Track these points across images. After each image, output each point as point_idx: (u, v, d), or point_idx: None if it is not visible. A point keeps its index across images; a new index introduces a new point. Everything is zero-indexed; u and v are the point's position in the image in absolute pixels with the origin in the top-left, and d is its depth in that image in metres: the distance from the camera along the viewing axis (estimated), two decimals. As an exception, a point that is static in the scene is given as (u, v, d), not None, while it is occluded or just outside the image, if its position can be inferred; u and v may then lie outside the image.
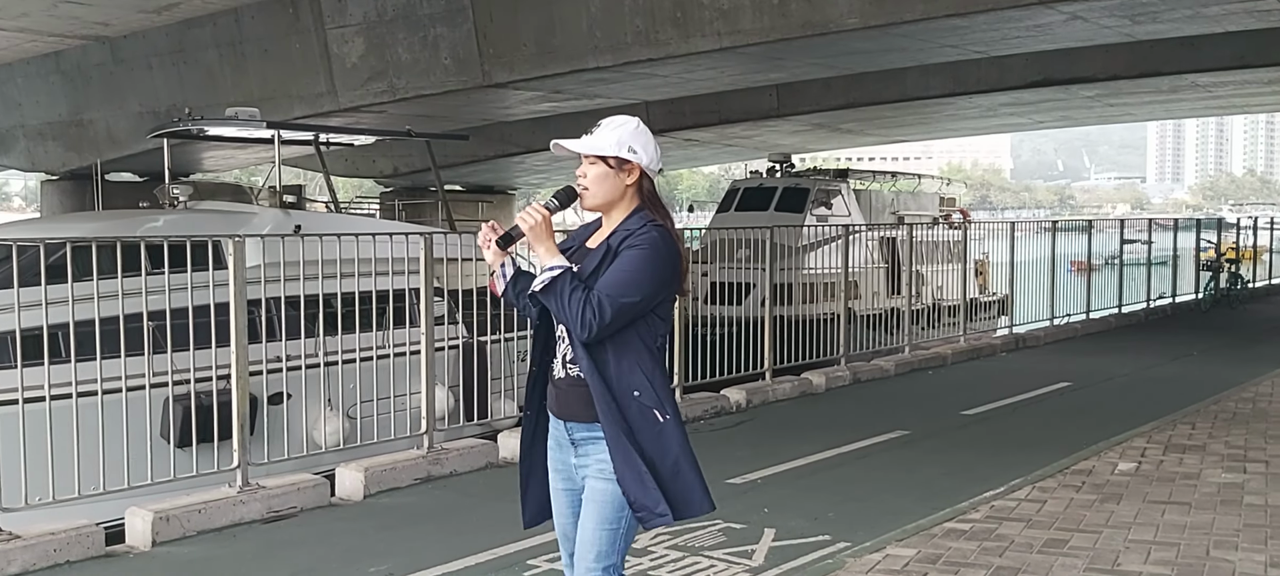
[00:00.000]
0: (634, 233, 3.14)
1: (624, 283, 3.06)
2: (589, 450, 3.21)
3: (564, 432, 3.26)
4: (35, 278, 6.45)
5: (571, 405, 3.21)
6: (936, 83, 22.58)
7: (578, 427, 3.22)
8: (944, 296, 17.87)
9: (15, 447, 5.74)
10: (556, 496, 3.35)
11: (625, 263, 3.09)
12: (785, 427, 9.30)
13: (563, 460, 3.30)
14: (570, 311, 3.05)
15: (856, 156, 46.81)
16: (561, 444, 3.29)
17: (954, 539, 5.48)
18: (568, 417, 3.24)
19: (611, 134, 3.21)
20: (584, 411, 3.17)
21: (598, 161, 3.21)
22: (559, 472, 3.32)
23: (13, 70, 21.29)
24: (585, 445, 3.22)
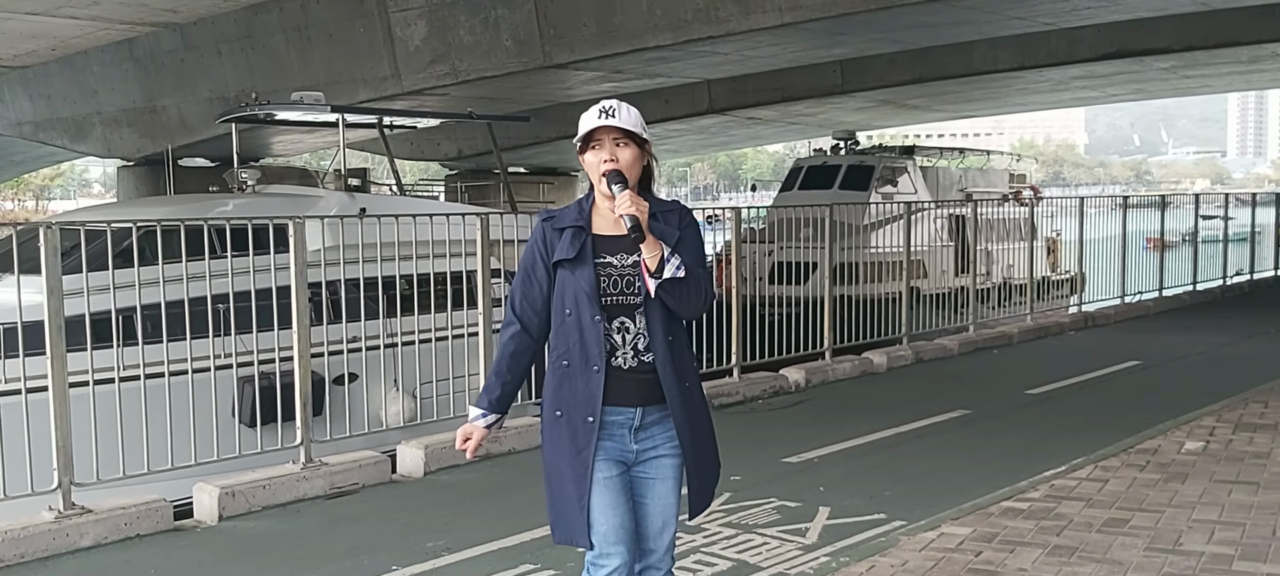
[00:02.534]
0: (682, 212, 3.23)
1: (702, 259, 3.21)
2: (656, 431, 3.22)
3: (634, 419, 3.20)
4: (105, 262, 6.65)
5: (646, 390, 3.18)
6: (1005, 56, 22.17)
7: (652, 411, 3.20)
8: (1013, 275, 17.59)
9: (87, 426, 5.92)
10: (611, 489, 3.19)
11: (696, 239, 3.21)
12: (844, 407, 9.24)
13: (620, 449, 3.21)
14: (701, 293, 3.16)
15: (924, 133, 46.14)
16: (622, 433, 3.21)
17: (1011, 518, 5.41)
18: (644, 403, 3.20)
19: (630, 115, 3.19)
20: (656, 393, 3.19)
21: (630, 143, 3.18)
22: (614, 462, 3.21)
23: (88, 58, 21.86)
24: (652, 427, 3.22)
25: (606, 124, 3.14)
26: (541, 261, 3.23)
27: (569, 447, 3.18)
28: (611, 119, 3.14)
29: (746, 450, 7.59)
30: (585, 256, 3.16)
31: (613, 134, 3.16)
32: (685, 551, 5.39)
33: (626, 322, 3.16)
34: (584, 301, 3.13)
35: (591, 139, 3.18)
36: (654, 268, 3.10)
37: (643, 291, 3.15)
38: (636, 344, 3.18)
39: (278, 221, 6.98)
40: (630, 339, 3.17)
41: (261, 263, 7.47)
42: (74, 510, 5.69)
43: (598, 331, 3.14)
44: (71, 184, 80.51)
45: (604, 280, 3.15)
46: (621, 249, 3.16)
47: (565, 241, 3.18)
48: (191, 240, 6.73)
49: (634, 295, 3.17)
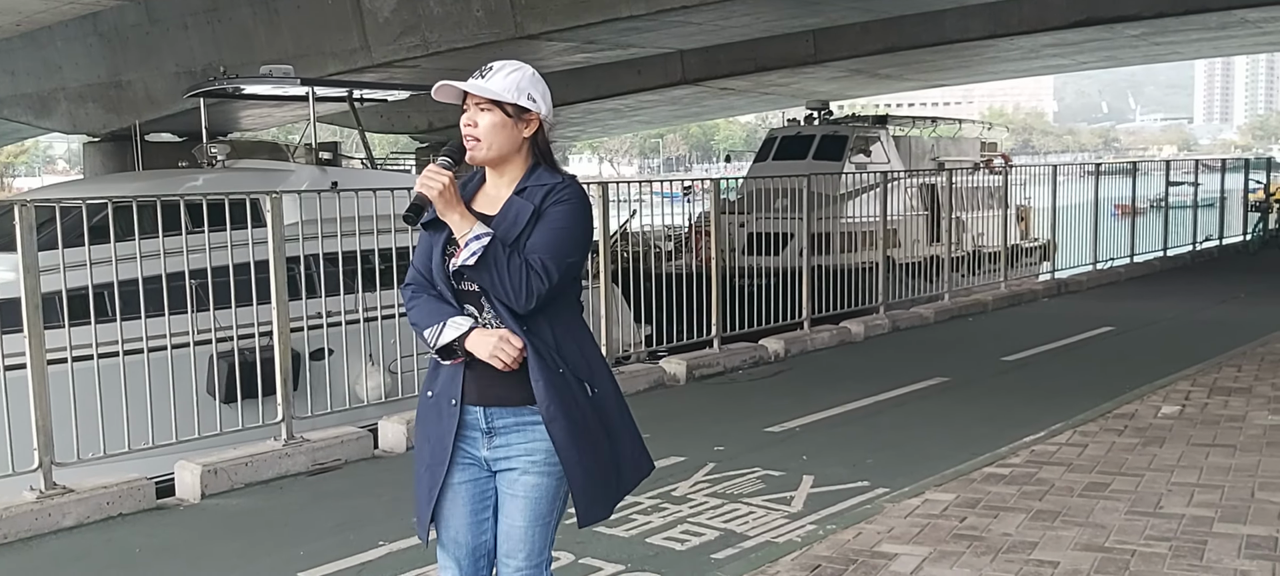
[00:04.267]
0: (555, 188, 2.81)
1: (565, 242, 2.76)
2: (512, 439, 2.84)
3: (482, 420, 2.85)
4: (79, 238, 6.56)
5: (495, 388, 2.81)
6: (976, 24, 22.23)
7: (502, 414, 2.83)
8: (985, 243, 17.70)
9: (66, 404, 5.86)
10: (456, 495, 2.89)
11: (560, 219, 2.77)
12: (823, 376, 9.29)
13: (471, 452, 2.88)
14: (512, 281, 2.69)
15: (896, 103, 46.25)
16: (473, 433, 2.87)
17: (993, 483, 5.46)
18: (490, 403, 2.83)
19: (506, 78, 2.81)
20: (509, 394, 2.80)
21: (493, 108, 2.80)
22: (463, 465, 2.89)
23: (52, 33, 21.52)
24: (507, 433, 2.84)
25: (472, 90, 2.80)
26: None
27: (434, 431, 2.89)
28: (481, 78, 2.81)
29: (729, 420, 7.63)
30: (435, 230, 2.83)
31: (475, 98, 2.81)
32: (673, 522, 5.42)
33: (471, 310, 2.83)
34: (439, 279, 2.84)
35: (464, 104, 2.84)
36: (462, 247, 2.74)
37: None
38: None
39: (254, 196, 6.90)
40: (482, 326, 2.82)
41: (238, 237, 7.40)
42: (55, 490, 5.64)
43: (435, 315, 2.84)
44: (36, 160, 79.38)
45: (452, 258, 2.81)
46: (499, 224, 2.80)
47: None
48: (165, 215, 6.66)
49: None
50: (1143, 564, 4.29)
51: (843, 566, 4.38)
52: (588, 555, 4.96)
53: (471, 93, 2.80)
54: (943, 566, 4.34)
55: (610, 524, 5.38)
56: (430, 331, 2.81)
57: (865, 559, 4.45)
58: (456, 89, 2.82)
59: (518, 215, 2.78)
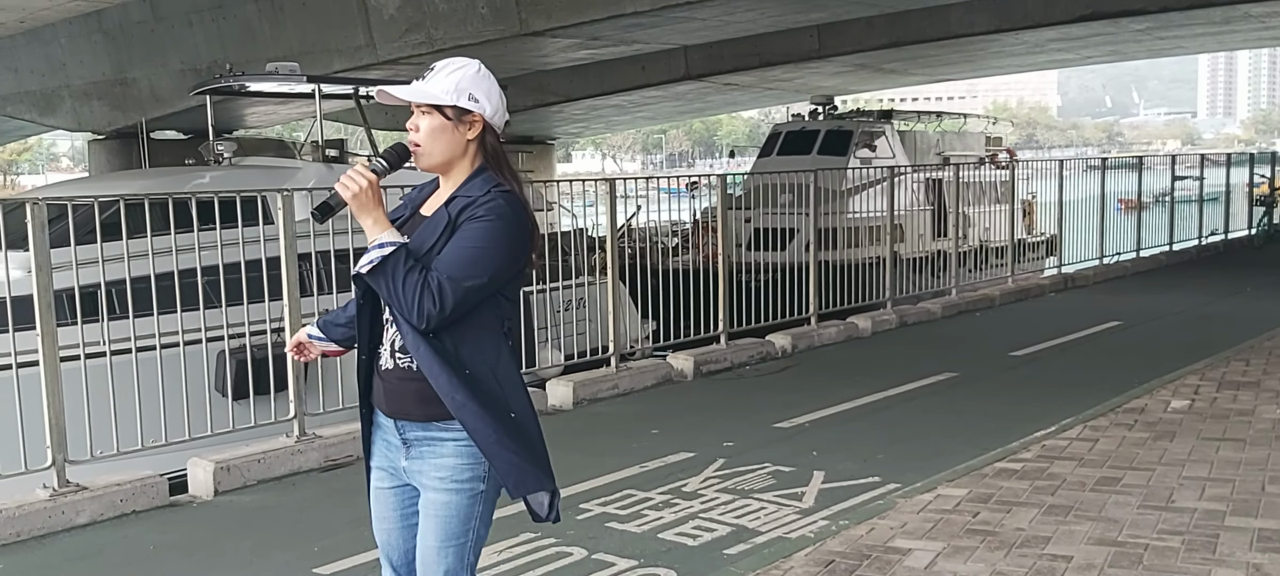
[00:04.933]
0: (476, 200, 2.63)
1: (467, 261, 2.57)
2: (424, 454, 2.74)
3: (395, 431, 2.77)
4: (90, 236, 6.58)
5: (403, 401, 2.72)
6: (981, 19, 22.21)
7: (411, 427, 2.74)
8: (991, 238, 17.71)
9: (79, 402, 5.88)
10: (379, 496, 2.86)
11: (469, 237, 2.60)
12: (832, 371, 9.30)
13: (391, 460, 2.82)
14: (405, 297, 2.54)
15: (900, 97, 46.23)
16: (391, 443, 2.80)
17: (1005, 478, 5.47)
18: (399, 415, 2.74)
19: (447, 79, 2.66)
20: (418, 409, 2.70)
21: (432, 112, 2.67)
22: (386, 471, 2.84)
23: (56, 30, 21.54)
24: (419, 447, 2.75)
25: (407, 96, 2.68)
26: None
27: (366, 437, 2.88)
28: (422, 81, 2.69)
29: (737, 416, 7.64)
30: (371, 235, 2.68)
31: (417, 104, 2.68)
32: (684, 517, 5.43)
33: (392, 317, 2.70)
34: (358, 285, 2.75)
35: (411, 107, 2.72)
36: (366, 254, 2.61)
37: None
38: (395, 342, 2.72)
39: (263, 194, 6.91)
40: (390, 334, 2.73)
41: (238, 235, 7.42)
42: (69, 487, 5.66)
43: (368, 319, 2.77)
44: (40, 158, 79.46)
45: None
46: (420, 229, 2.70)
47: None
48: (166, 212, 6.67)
49: None
50: (1156, 558, 4.30)
51: (857, 561, 4.39)
52: (600, 551, 4.98)
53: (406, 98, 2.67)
54: (957, 561, 4.35)
55: (622, 519, 5.40)
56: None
57: (879, 554, 4.46)
58: (392, 95, 2.69)
59: (435, 225, 2.65)
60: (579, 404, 8.03)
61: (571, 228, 12.04)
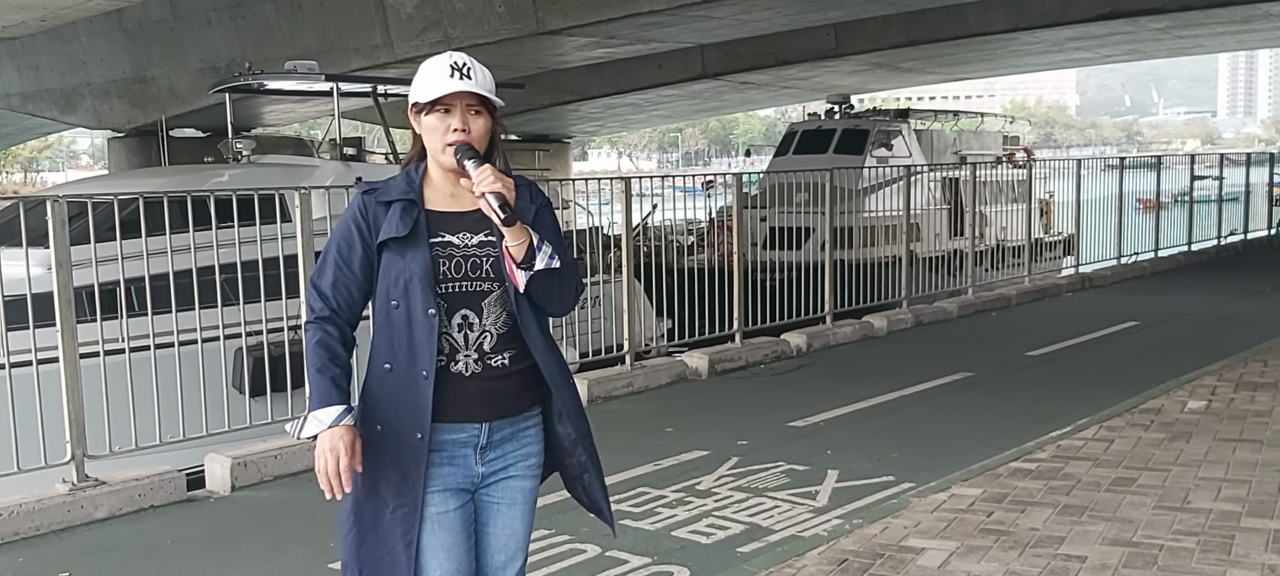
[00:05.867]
0: (532, 189, 2.68)
1: (562, 243, 2.65)
2: (508, 448, 2.68)
3: (479, 437, 2.63)
4: (109, 233, 6.63)
5: (502, 399, 2.64)
6: (999, 18, 22.14)
7: (502, 426, 2.66)
8: (1008, 237, 17.65)
9: (99, 398, 5.93)
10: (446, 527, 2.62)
11: (552, 219, 2.67)
12: (847, 370, 9.29)
13: (462, 474, 2.64)
14: (572, 285, 2.63)
15: (917, 96, 46.08)
16: (463, 455, 2.63)
17: (1020, 478, 5.46)
18: (494, 416, 2.64)
19: (484, 76, 2.60)
20: (516, 403, 2.67)
21: (484, 111, 2.61)
22: (453, 492, 2.63)
23: (77, 29, 21.70)
24: (504, 444, 2.67)
25: (461, 88, 2.56)
26: (361, 240, 2.58)
27: (393, 472, 2.56)
28: (467, 81, 2.56)
29: (752, 414, 7.64)
30: (418, 235, 2.57)
31: (466, 99, 2.58)
32: (698, 515, 5.44)
33: (470, 317, 2.59)
34: (417, 290, 2.54)
35: (438, 100, 2.58)
36: (521, 257, 2.54)
37: (492, 278, 2.60)
38: (481, 344, 2.60)
39: (280, 192, 6.95)
40: (474, 338, 2.60)
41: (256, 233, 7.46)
42: (88, 482, 5.71)
43: (430, 327, 2.55)
44: (60, 155, 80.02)
45: (444, 263, 2.57)
46: (464, 227, 2.61)
47: (393, 217, 2.57)
48: (186, 210, 6.73)
49: (481, 281, 2.60)
50: (1171, 558, 4.29)
51: (870, 560, 4.39)
52: (614, 548, 4.99)
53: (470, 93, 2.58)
54: (970, 560, 4.35)
55: (636, 516, 5.42)
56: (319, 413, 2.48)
57: (892, 553, 4.46)
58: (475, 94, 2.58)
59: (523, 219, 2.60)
60: (594, 401, 8.06)
61: (587, 226, 12.07)
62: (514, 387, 2.66)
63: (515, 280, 2.58)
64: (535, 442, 2.75)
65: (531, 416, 2.73)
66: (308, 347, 2.56)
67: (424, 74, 2.61)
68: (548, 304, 2.64)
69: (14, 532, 5.35)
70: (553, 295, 2.62)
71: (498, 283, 2.61)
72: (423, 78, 2.61)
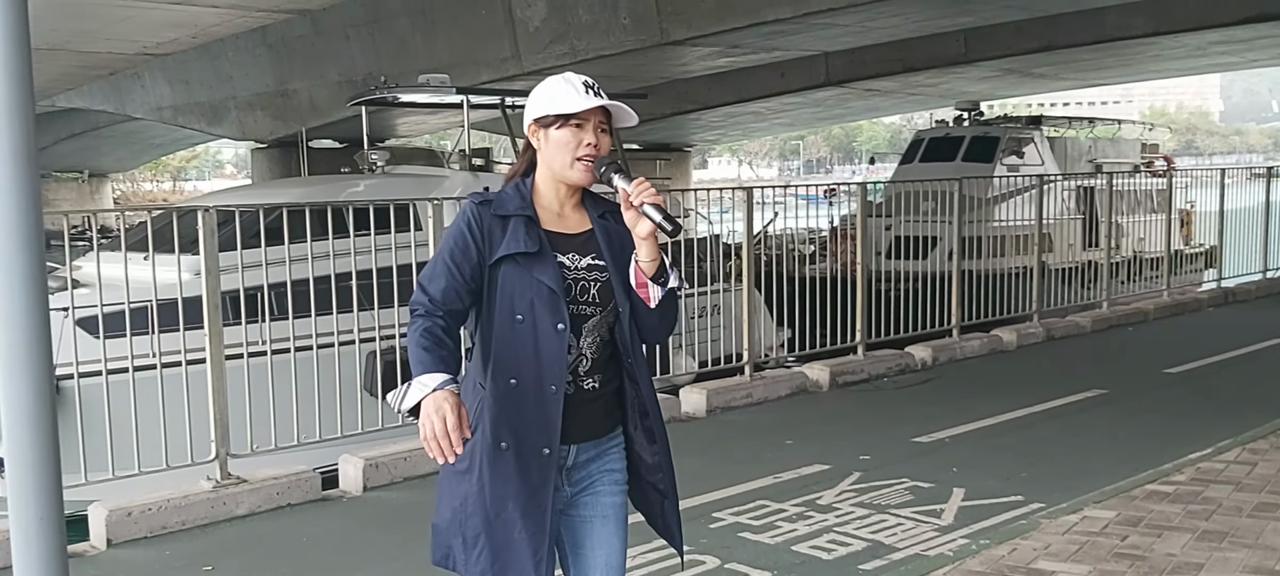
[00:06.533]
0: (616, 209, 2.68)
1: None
2: (593, 468, 2.72)
3: (567, 457, 2.67)
4: (254, 240, 6.96)
5: (592, 421, 2.68)
6: (1138, 22, 21.30)
7: (588, 447, 2.70)
8: (1145, 249, 17.00)
9: (241, 398, 6.22)
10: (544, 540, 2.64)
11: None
12: (974, 385, 9.09)
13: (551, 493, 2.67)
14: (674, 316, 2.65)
15: (1050, 102, 44.72)
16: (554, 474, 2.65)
17: (1156, 501, 5.26)
18: (585, 437, 2.68)
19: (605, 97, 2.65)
20: (604, 423, 2.71)
21: (608, 130, 2.65)
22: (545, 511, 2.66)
23: (224, 45, 22.74)
24: (588, 465, 2.72)
25: (597, 104, 2.59)
26: (475, 249, 2.60)
27: (521, 487, 2.58)
28: (601, 98, 2.60)
29: (875, 429, 7.55)
30: (546, 251, 2.58)
31: (598, 116, 2.61)
32: (818, 530, 5.41)
33: (578, 341, 2.63)
34: (544, 307, 2.55)
35: (571, 117, 2.60)
36: (654, 272, 2.56)
37: (597, 303, 2.61)
38: (578, 366, 2.63)
39: (412, 202, 7.18)
40: (571, 360, 2.62)
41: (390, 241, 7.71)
42: (230, 480, 6.00)
43: (560, 342, 2.55)
44: (206, 165, 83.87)
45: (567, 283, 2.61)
46: (573, 248, 2.63)
47: (516, 232, 2.58)
48: (324, 219, 6.99)
49: (587, 305, 2.61)
50: (1321, 592, 4.09)
51: (996, 581, 4.30)
52: (733, 560, 5.00)
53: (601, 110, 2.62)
54: (1102, 585, 4.22)
55: (755, 530, 5.41)
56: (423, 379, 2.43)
57: (1021, 575, 4.36)
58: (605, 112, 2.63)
59: (623, 242, 2.62)
60: (712, 412, 8.07)
61: (707, 234, 12.08)
62: (601, 410, 2.69)
63: (647, 296, 2.59)
64: (619, 460, 2.76)
65: (614, 437, 2.75)
66: (412, 336, 2.53)
67: (552, 90, 2.62)
68: (660, 326, 2.66)
69: (161, 526, 5.66)
70: (666, 317, 2.64)
71: (599, 307, 2.63)
72: (552, 93, 2.62)
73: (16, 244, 1.96)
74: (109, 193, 49.39)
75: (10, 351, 2.00)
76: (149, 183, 68.30)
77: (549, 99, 2.62)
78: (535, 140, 2.67)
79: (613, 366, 2.69)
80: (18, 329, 1.99)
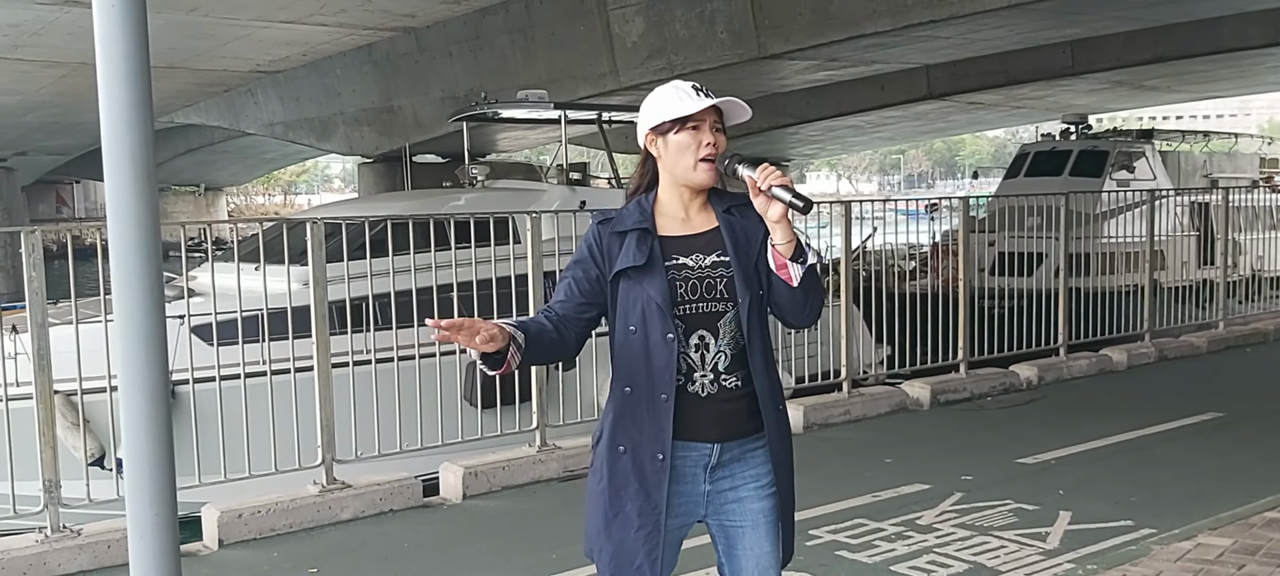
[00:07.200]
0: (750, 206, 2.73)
1: None
2: (736, 469, 2.73)
3: (710, 456, 2.71)
4: (360, 252, 7.13)
5: (734, 421, 2.70)
6: (1256, 31, 20.49)
7: (731, 447, 2.72)
8: (1265, 267, 16.32)
9: (347, 405, 6.38)
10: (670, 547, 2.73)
11: None
12: (1081, 406, 8.82)
13: (690, 493, 2.73)
14: (820, 293, 2.68)
15: (1162, 115, 43.33)
16: (695, 474, 2.72)
17: (1275, 530, 5.04)
18: (726, 437, 2.70)
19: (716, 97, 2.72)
20: (747, 424, 2.71)
21: (722, 129, 2.73)
22: (675, 512, 2.72)
23: (332, 62, 23.41)
24: (732, 465, 2.73)
25: (711, 103, 2.67)
26: (595, 266, 2.71)
27: (637, 491, 2.66)
28: (711, 98, 2.68)
29: (978, 449, 7.38)
30: (655, 262, 2.65)
31: (712, 117, 2.69)
32: (918, 551, 5.31)
33: (706, 338, 2.66)
34: (654, 315, 2.63)
35: (687, 120, 2.67)
36: (791, 253, 2.61)
37: (726, 298, 2.66)
38: (717, 364, 2.67)
39: (513, 215, 7.27)
40: (711, 358, 2.67)
41: (495, 254, 7.83)
42: (335, 485, 6.15)
43: (670, 351, 2.63)
44: (315, 179, 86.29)
45: (680, 286, 2.65)
46: (697, 248, 2.68)
47: (629, 247, 2.66)
48: (427, 231, 7.13)
49: (717, 302, 2.66)
50: None
51: (1104, 608, 4.16)
52: (831, 578, 4.94)
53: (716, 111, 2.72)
54: (1218, 616, 4.05)
55: (853, 548, 5.34)
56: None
57: (1129, 602, 4.21)
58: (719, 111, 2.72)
59: (748, 234, 2.69)
60: (809, 428, 7.99)
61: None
62: (745, 409, 2.71)
63: (789, 276, 2.63)
64: (764, 463, 2.76)
65: (759, 439, 2.75)
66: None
67: (664, 97, 2.71)
68: (805, 306, 2.66)
69: (270, 529, 5.83)
70: (811, 295, 2.65)
71: (731, 303, 2.67)
72: (665, 101, 2.70)
73: (136, 255, 2.05)
74: (224, 205, 51.25)
75: (129, 358, 2.08)
76: (261, 196, 70.58)
77: (662, 106, 2.70)
78: (654, 149, 2.74)
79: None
80: (136, 336, 2.08)
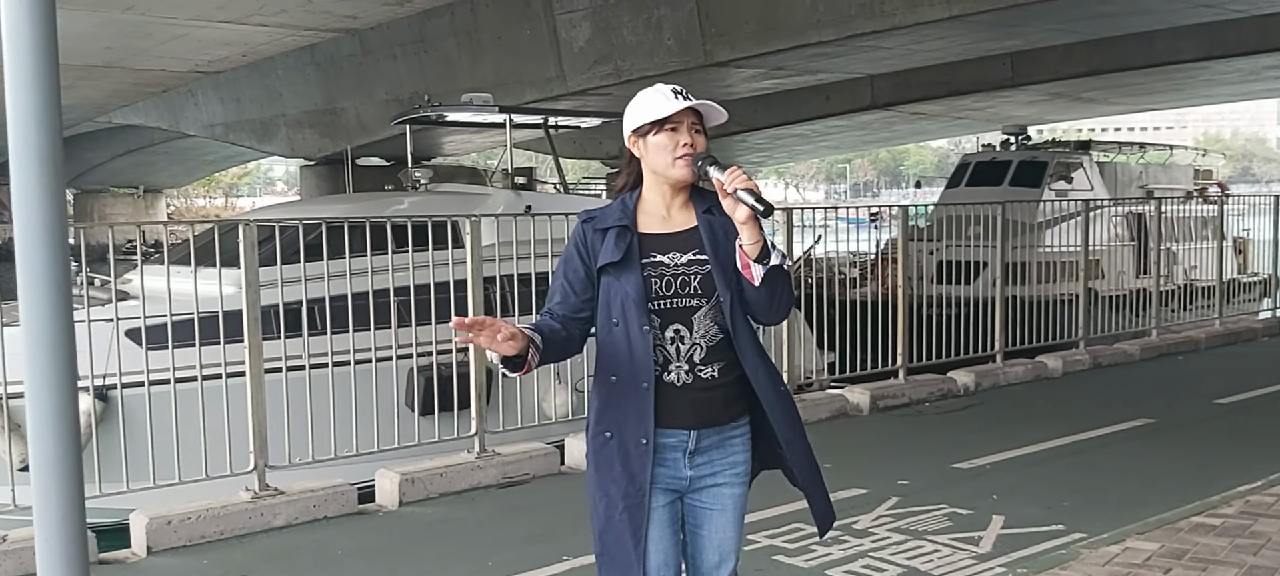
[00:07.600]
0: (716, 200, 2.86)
1: None
2: (715, 455, 2.88)
3: (687, 442, 2.84)
4: (295, 255, 7.02)
5: (711, 409, 2.84)
6: (1190, 45, 20.98)
7: (709, 434, 2.86)
8: (1198, 277, 16.69)
9: (280, 411, 6.27)
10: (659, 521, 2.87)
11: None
12: (1017, 412, 8.95)
13: (672, 476, 2.87)
14: (787, 297, 2.79)
15: (1099, 127, 44.20)
16: (676, 459, 2.85)
17: (1202, 534, 5.13)
18: (703, 425, 2.84)
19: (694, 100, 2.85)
20: (724, 412, 2.86)
21: (702, 131, 2.86)
22: (664, 491, 2.87)
23: (274, 63, 23.12)
24: (711, 451, 2.87)
25: (688, 105, 2.80)
26: (582, 262, 2.86)
27: (622, 473, 2.81)
28: (689, 100, 2.81)
29: (915, 454, 7.45)
30: (631, 259, 2.80)
31: (690, 118, 2.83)
32: (853, 555, 5.34)
33: (681, 331, 2.81)
34: (631, 309, 2.77)
35: (666, 121, 2.80)
36: (757, 254, 2.71)
37: (700, 294, 2.79)
38: (692, 356, 2.81)
39: (454, 219, 7.21)
40: (686, 350, 2.81)
41: (433, 258, 7.75)
42: (268, 491, 6.04)
43: (646, 342, 2.77)
44: (257, 182, 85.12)
45: (655, 282, 2.79)
46: (674, 247, 2.82)
47: (609, 244, 2.82)
48: (369, 235, 7.04)
49: (690, 297, 2.80)
50: (1373, 630, 3.95)
51: (1034, 611, 4.21)
52: (767, 583, 4.94)
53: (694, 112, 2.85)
54: (1144, 618, 4.11)
55: (789, 553, 5.35)
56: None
57: (1058, 605, 4.27)
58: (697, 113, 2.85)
59: (727, 231, 2.79)
60: (752, 434, 8.00)
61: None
62: (722, 398, 2.85)
63: (751, 276, 2.73)
64: (742, 451, 2.92)
65: (738, 426, 2.91)
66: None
67: (645, 100, 2.85)
68: (771, 304, 2.78)
69: (200, 536, 5.71)
70: (777, 294, 2.76)
71: (705, 298, 2.80)
72: (645, 104, 2.84)
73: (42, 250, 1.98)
74: (163, 207, 50.34)
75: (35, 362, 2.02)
76: (202, 198, 69.50)
77: (643, 109, 2.85)
78: (637, 150, 2.89)
79: (733, 354, 2.84)
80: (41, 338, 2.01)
